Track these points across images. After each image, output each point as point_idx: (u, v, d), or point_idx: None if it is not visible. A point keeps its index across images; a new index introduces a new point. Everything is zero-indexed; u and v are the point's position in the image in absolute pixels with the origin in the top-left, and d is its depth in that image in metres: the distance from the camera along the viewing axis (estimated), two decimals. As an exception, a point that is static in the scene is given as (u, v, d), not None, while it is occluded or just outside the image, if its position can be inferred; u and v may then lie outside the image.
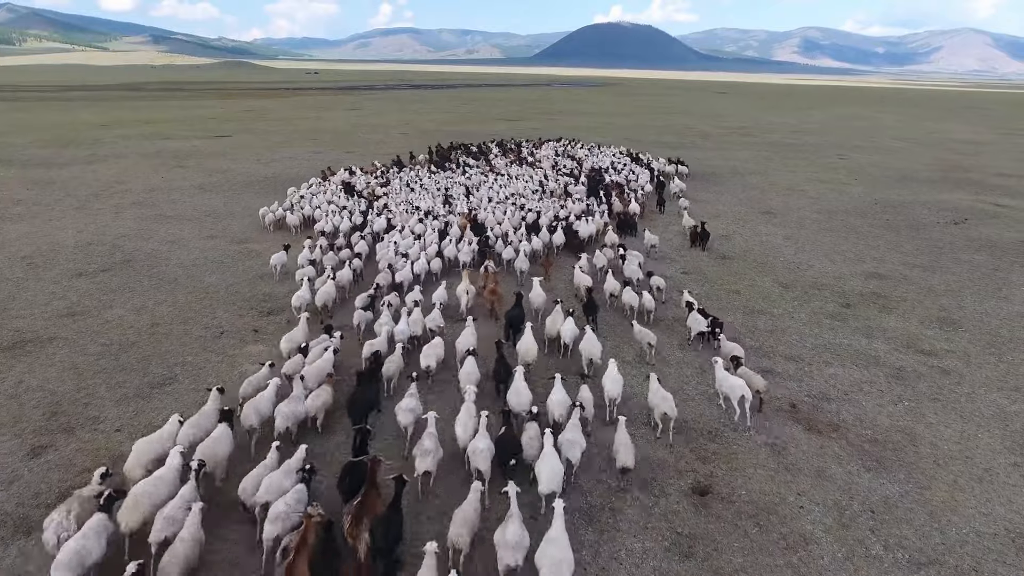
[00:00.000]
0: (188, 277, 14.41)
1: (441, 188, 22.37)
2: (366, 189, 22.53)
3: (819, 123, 62.94)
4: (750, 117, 69.08)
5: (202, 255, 16.05)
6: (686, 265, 15.83)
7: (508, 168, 26.79)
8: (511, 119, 58.18)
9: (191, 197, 22.86)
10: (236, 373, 10.00)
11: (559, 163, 28.50)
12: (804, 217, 21.41)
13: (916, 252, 17.49)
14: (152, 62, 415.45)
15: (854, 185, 27.80)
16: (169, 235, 17.84)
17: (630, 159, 30.26)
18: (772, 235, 18.96)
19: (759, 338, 11.69)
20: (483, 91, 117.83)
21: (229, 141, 39.08)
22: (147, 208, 21.02)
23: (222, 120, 53.64)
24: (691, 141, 44.02)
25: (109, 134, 41.70)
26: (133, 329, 11.56)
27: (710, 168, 31.68)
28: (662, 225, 19.39)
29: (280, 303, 12.89)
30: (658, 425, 8.58)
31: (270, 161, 31.11)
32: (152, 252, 16.20)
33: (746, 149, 40.55)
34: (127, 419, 8.76)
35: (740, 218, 20.99)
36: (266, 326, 11.81)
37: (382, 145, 36.77)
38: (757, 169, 31.93)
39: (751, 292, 14.04)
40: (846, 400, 9.64)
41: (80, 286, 13.71)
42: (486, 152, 31.65)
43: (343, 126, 50.26)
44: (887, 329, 12.25)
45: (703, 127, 55.29)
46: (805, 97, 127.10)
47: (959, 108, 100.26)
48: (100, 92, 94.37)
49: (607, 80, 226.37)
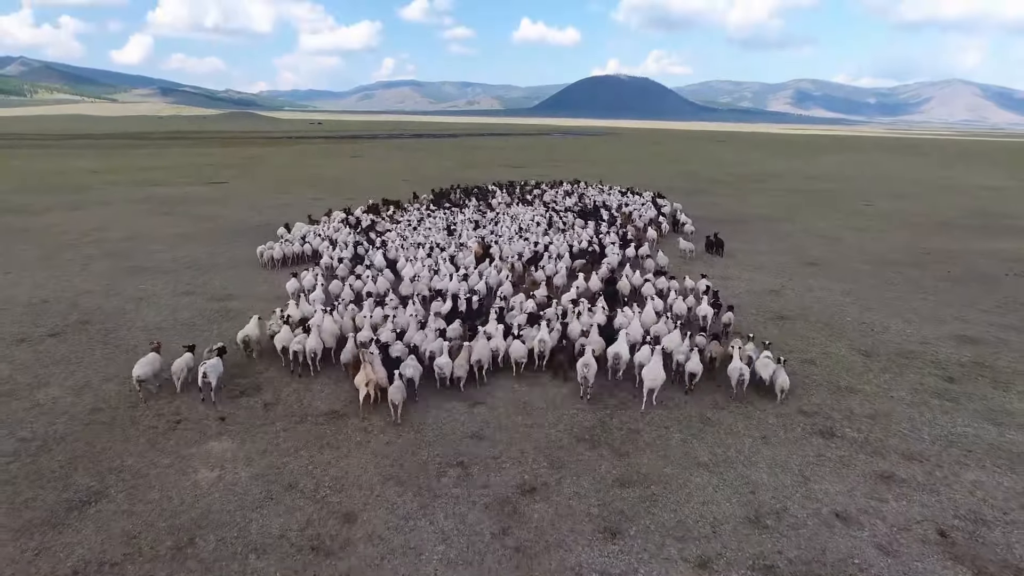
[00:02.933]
0: (150, 344, 12.01)
1: (443, 224, 22.62)
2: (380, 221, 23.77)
3: (829, 170, 61.65)
4: (757, 164, 67.96)
5: (172, 315, 13.70)
6: (740, 328, 13.46)
7: (508, 208, 26.69)
8: (515, 165, 56.87)
9: (173, 247, 20.68)
10: (188, 483, 7.52)
11: (565, 202, 29.06)
12: (855, 269, 19.18)
13: (1000, 310, 15.15)
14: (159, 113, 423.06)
15: (893, 232, 25.72)
16: (139, 291, 15.52)
17: (653, 203, 28.98)
18: (827, 290, 16.66)
19: (861, 427, 9.21)
20: (485, 140, 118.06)
21: (224, 188, 37.31)
22: (121, 259, 18.79)
23: (220, 167, 52.21)
24: (705, 188, 42.37)
25: (99, 180, 40.02)
26: (66, 416, 9.10)
27: (735, 215, 29.74)
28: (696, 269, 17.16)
29: (258, 379, 10.47)
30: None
31: (264, 208, 29.13)
32: (114, 312, 13.85)
33: (764, 195, 38.82)
34: (22, 566, 6.22)
35: (785, 270, 18.74)
36: (235, 412, 9.35)
37: (385, 192, 34.90)
38: (784, 216, 29.96)
39: (829, 363, 11.62)
40: (1012, 524, 7.12)
41: (17, 355, 11.30)
42: (486, 194, 31.54)
43: (344, 173, 48.75)
44: (1014, 413, 9.79)
45: (713, 174, 53.90)
46: (806, 145, 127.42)
47: (961, 155, 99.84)
48: (100, 140, 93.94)
49: (606, 130, 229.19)
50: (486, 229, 21.68)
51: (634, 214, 25.89)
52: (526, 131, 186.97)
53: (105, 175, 43.81)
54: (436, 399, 9.87)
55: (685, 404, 9.85)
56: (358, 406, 9.33)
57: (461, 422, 9.19)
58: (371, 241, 20.00)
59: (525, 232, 21.11)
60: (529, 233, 20.93)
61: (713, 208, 29.75)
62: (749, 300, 15.46)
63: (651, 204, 28.74)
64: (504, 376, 10.77)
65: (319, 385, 10.24)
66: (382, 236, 20.91)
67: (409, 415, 9.27)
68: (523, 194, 31.97)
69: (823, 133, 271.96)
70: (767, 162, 70.70)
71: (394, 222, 23.95)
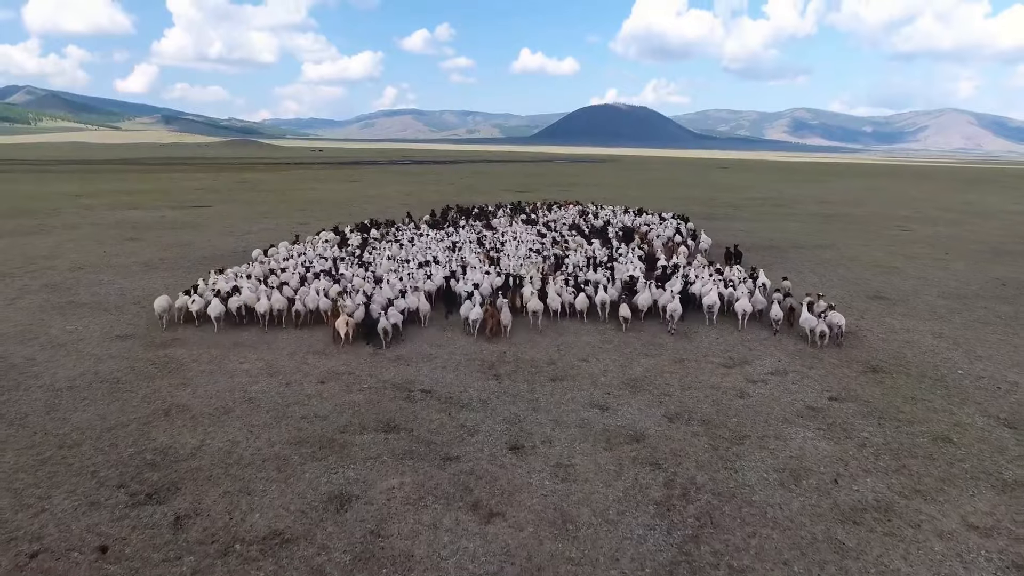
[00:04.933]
0: (47, 411, 8.91)
1: (443, 243, 20.98)
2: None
3: (843, 195, 58.95)
4: (770, 189, 65.41)
5: (92, 368, 10.61)
6: (830, 386, 10.37)
7: (510, 227, 24.91)
8: (519, 190, 54.23)
9: (126, 277, 17.68)
10: None
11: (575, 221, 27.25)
12: (933, 304, 16.13)
13: None
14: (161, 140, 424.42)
15: (951, 261, 22.76)
16: (64, 333, 12.47)
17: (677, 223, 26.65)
18: (914, 331, 13.60)
19: (1076, 559, 6.08)
20: (487, 166, 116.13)
21: (206, 211, 34.49)
22: (59, 293, 15.76)
23: (208, 191, 49.57)
24: (724, 212, 39.61)
25: (75, 204, 37.26)
26: None
27: (766, 240, 26.84)
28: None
29: (180, 473, 7.34)
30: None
31: (244, 233, 26.22)
32: (22, 363, 10.77)
33: (790, 220, 36.00)
34: None
35: (851, 306, 15.68)
36: (129, 535, 6.22)
37: (381, 216, 32.10)
38: (821, 242, 27.04)
39: (970, 441, 8.49)
40: None
41: None
42: (487, 214, 29.42)
43: (339, 197, 46.05)
44: None
45: (727, 198, 51.24)
46: (811, 171, 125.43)
47: (970, 181, 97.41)
48: (95, 166, 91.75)
49: (607, 157, 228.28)
50: (489, 244, 20.71)
51: (651, 233, 24.09)
52: (528, 158, 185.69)
53: (84, 199, 41.08)
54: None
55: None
56: (312, 520, 6.24)
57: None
58: (358, 258, 17.90)
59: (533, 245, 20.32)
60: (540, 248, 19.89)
61: (740, 234, 26.89)
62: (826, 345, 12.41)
63: (671, 223, 26.68)
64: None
65: (261, 485, 7.11)
66: (369, 252, 18.90)
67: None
68: (527, 214, 29.74)
69: (824, 160, 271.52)
70: (778, 187, 68.14)
71: (386, 241, 21.67)
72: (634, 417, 9.01)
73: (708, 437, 8.41)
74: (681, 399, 9.71)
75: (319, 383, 10.15)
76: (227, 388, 9.82)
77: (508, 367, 11.03)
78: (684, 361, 11.48)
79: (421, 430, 8.54)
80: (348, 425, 8.63)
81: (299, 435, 8.30)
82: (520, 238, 21.57)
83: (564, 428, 8.65)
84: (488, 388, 10.06)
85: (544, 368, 11.01)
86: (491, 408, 9.28)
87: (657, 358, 11.62)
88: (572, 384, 10.28)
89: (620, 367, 11.13)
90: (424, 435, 8.40)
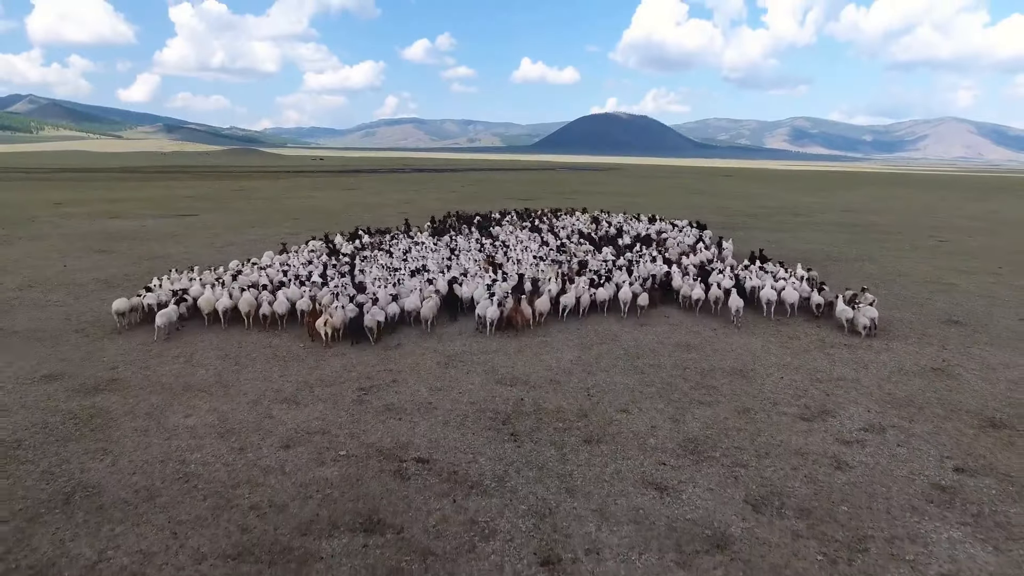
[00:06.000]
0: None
1: (443, 250, 20.20)
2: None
3: (859, 203, 56.63)
4: (782, 197, 63.11)
5: (-8, 427, 8.25)
6: (949, 450, 7.98)
7: (512, 235, 23.76)
8: (522, 198, 52.00)
9: (79, 298, 15.34)
10: None
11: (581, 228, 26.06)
12: (1017, 330, 13.72)
13: None
14: (162, 149, 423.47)
15: (1010, 277, 20.39)
16: (-23, 373, 10.12)
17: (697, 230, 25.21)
18: (1017, 367, 11.19)
19: None
20: (488, 174, 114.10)
21: (190, 220, 32.22)
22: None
23: (198, 199, 47.32)
24: (741, 221, 37.30)
25: (54, 212, 35.01)
26: None
27: (796, 252, 24.50)
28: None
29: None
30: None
31: (226, 245, 23.91)
32: (-94, 417, 8.41)
33: (812, 230, 33.68)
34: None
35: (927, 335, 13.28)
36: None
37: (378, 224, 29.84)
38: (856, 255, 24.68)
39: None
40: None
41: None
42: (489, 222, 27.93)
43: (335, 205, 43.82)
44: None
45: (739, 207, 48.97)
46: (817, 179, 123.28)
47: (985, 189, 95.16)
48: (89, 174, 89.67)
49: (609, 165, 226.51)
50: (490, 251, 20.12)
51: (668, 241, 22.90)
52: (529, 166, 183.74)
53: (66, 207, 38.82)
54: None
55: None
56: None
57: None
58: (348, 265, 17.31)
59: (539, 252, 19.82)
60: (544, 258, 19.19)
61: (766, 245, 24.47)
62: (917, 387, 10.03)
63: (689, 230, 25.70)
64: None
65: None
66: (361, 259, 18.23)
67: None
68: (532, 221, 28.06)
69: (826, 169, 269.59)
70: (791, 196, 65.87)
71: (380, 249, 20.43)
72: (707, 505, 6.63)
73: (816, 540, 6.03)
74: (762, 473, 7.33)
75: (283, 448, 7.78)
76: (159, 457, 7.46)
77: (528, 421, 8.67)
78: (750, 411, 9.10)
79: (415, 529, 6.17)
80: (313, 521, 6.26)
81: (242, 541, 5.92)
82: (527, 245, 21.03)
83: (614, 524, 6.28)
84: (505, 456, 7.69)
85: (574, 423, 8.64)
86: (510, 489, 6.91)
87: (714, 407, 9.24)
88: (613, 448, 7.91)
89: (671, 420, 8.76)
90: (418, 538, 6.02)
